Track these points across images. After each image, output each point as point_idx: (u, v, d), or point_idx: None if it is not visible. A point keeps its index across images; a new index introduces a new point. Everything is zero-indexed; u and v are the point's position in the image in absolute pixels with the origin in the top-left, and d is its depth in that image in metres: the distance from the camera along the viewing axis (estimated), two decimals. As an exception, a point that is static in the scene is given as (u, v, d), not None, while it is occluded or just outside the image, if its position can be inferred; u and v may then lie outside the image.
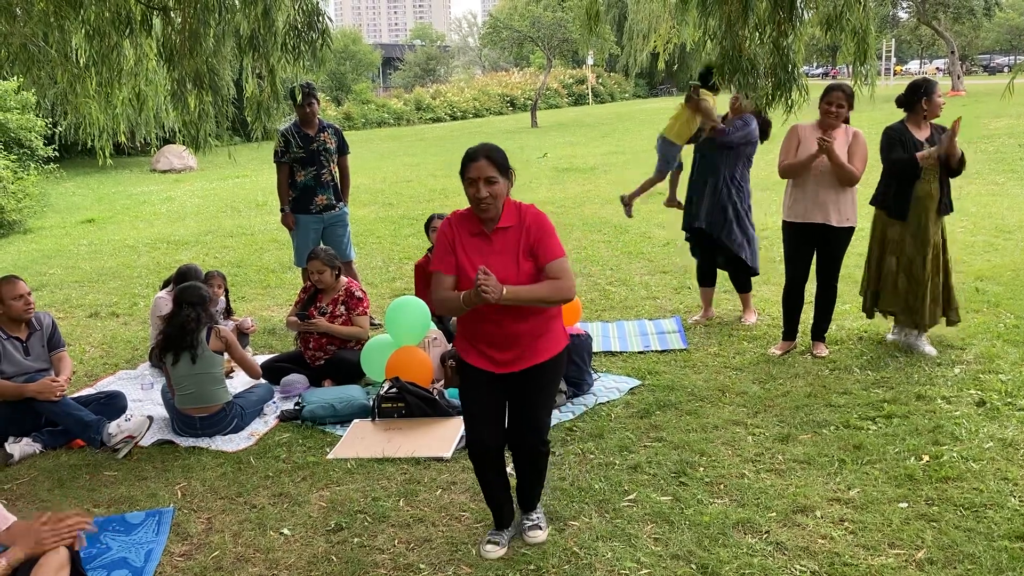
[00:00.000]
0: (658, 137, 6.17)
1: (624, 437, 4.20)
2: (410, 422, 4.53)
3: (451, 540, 3.35)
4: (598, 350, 5.47)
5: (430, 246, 5.88)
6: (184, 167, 20.98)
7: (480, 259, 3.00)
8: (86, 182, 18.99)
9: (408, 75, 56.62)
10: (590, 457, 4.02)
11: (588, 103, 43.71)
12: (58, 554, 2.59)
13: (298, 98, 6.08)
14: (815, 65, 53.23)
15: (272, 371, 5.28)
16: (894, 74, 38.24)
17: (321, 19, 4.65)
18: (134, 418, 4.49)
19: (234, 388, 4.91)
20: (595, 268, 8.01)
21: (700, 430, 4.24)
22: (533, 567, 3.13)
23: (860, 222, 5.19)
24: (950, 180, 5.04)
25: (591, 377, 4.91)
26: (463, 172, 2.98)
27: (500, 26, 33.63)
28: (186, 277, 5.41)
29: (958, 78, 31.00)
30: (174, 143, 9.09)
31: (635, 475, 3.79)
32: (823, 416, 4.33)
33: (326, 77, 37.96)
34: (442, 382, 5.09)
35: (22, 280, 4.61)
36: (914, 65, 58.99)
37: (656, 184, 6.38)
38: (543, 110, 36.83)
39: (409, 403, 4.58)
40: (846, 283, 5.79)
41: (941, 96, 5.03)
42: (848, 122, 5.10)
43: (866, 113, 6.83)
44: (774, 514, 3.39)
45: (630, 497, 3.59)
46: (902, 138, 5.00)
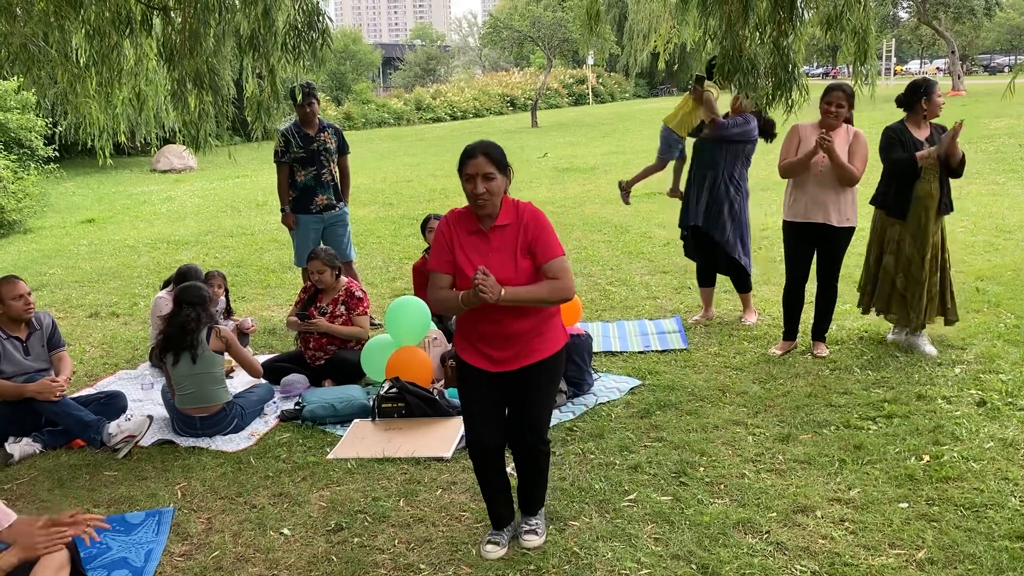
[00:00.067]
0: (663, 126, 6.19)
1: (624, 437, 4.20)
2: (410, 422, 4.53)
3: (451, 540, 3.34)
4: (598, 350, 5.47)
5: (427, 247, 5.88)
6: (184, 167, 20.97)
7: (478, 257, 2.99)
8: (86, 182, 18.99)
9: (408, 75, 56.62)
10: (590, 457, 4.02)
11: (588, 103, 43.71)
12: (58, 554, 2.58)
13: (298, 98, 6.08)
14: (815, 65, 53.22)
15: (272, 371, 5.28)
16: (894, 74, 38.23)
17: (321, 19, 4.65)
18: (134, 418, 4.49)
19: (234, 388, 4.91)
20: (595, 268, 8.01)
21: (700, 430, 4.24)
22: (533, 567, 3.13)
23: (860, 222, 5.19)
24: (950, 180, 5.05)
25: (591, 377, 4.91)
26: (461, 169, 2.97)
27: (500, 26, 33.64)
28: (186, 277, 5.41)
29: (958, 78, 31.01)
30: (174, 143, 9.10)
31: (635, 475, 3.79)
32: (823, 416, 4.33)
33: (326, 77, 37.94)
34: (442, 382, 5.09)
35: (22, 280, 4.61)
36: (914, 65, 58.99)
37: (656, 172, 6.36)
38: (543, 110, 36.83)
39: (409, 403, 4.58)
40: (846, 283, 5.79)
41: (941, 96, 5.03)
42: (850, 122, 5.10)
43: (866, 113, 6.82)
44: (774, 514, 3.39)
45: (630, 497, 3.59)
46: (902, 138, 5.00)
